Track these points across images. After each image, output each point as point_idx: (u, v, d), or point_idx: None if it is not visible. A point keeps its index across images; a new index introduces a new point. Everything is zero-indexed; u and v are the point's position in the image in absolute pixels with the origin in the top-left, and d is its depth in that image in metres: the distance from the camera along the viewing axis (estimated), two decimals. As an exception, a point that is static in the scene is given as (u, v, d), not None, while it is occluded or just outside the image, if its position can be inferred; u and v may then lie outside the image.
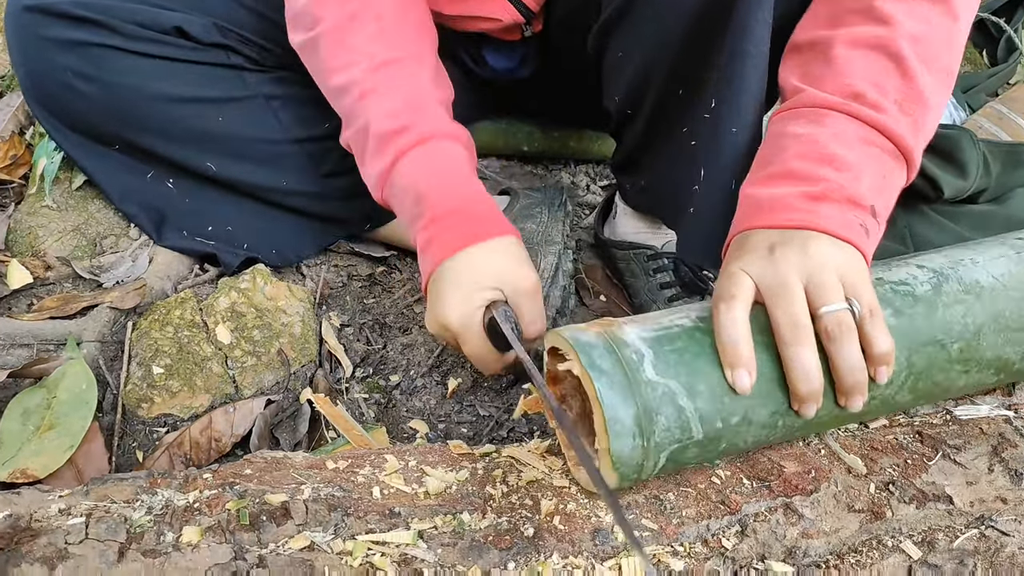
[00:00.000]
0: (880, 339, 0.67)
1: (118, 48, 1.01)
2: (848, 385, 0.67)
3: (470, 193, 0.90)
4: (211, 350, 1.00)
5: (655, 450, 0.65)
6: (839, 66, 0.76)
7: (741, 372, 0.66)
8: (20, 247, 1.14)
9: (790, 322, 0.66)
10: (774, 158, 0.77)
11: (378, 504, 0.68)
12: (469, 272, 0.85)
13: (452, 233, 0.87)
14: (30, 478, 0.85)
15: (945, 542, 0.69)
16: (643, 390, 0.64)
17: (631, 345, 0.66)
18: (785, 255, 0.68)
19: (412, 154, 0.89)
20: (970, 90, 1.58)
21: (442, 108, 0.93)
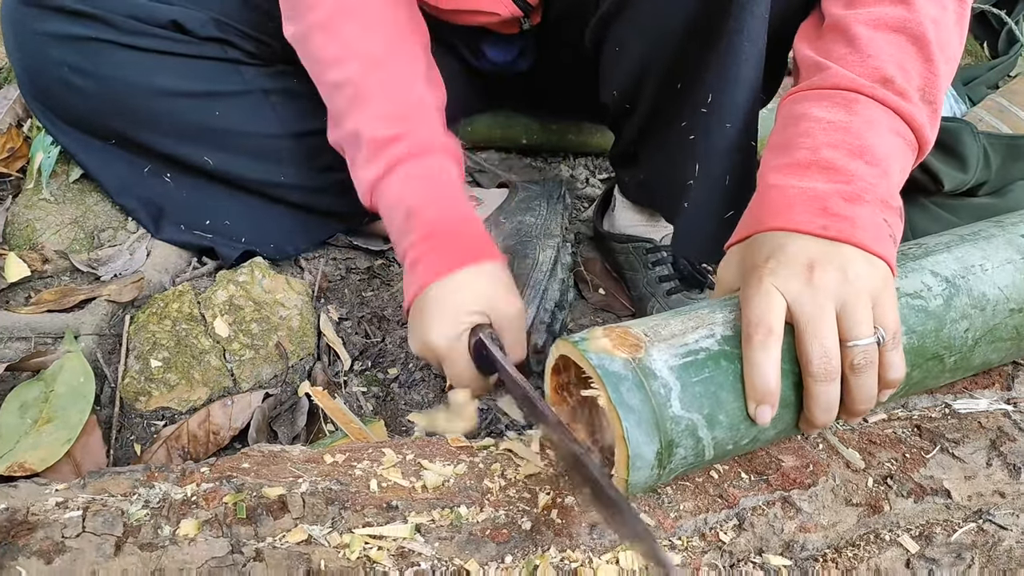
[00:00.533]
0: (897, 367, 0.66)
1: (114, 42, 1.01)
2: (857, 411, 0.67)
3: (461, 215, 0.89)
4: (209, 343, 1.00)
5: (667, 474, 0.65)
6: (863, 47, 0.73)
7: (766, 409, 0.64)
8: (18, 240, 1.13)
9: (823, 357, 0.64)
10: (798, 143, 0.72)
11: (375, 498, 0.68)
12: (456, 296, 0.85)
13: (440, 255, 0.86)
14: (28, 471, 0.85)
15: (943, 536, 0.69)
16: (667, 426, 0.63)
17: (660, 378, 0.64)
18: (825, 281, 0.64)
19: (405, 167, 0.88)
20: (971, 83, 1.57)
21: (436, 114, 0.93)
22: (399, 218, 0.89)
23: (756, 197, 0.74)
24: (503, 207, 1.21)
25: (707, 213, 0.93)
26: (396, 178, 0.88)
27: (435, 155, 0.90)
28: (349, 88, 0.90)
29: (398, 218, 0.89)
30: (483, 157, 1.46)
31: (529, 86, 1.25)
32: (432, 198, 0.88)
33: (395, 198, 0.89)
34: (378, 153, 0.89)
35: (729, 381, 0.65)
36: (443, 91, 0.96)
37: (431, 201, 0.88)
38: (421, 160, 0.89)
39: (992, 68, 1.61)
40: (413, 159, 0.88)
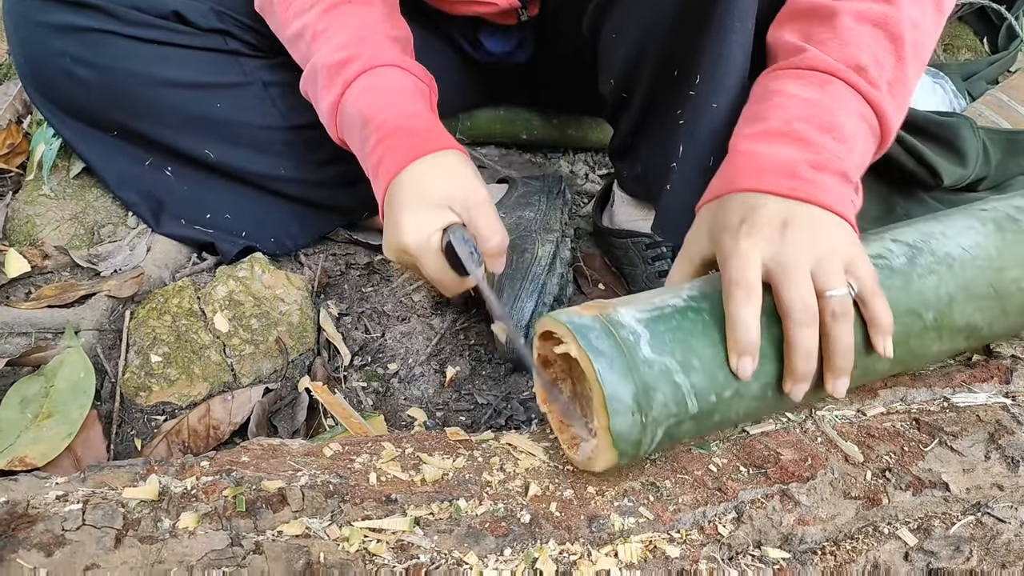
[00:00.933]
0: (883, 311, 0.70)
1: (116, 33, 1.01)
2: (838, 366, 0.69)
3: (413, 111, 0.90)
4: (209, 339, 1.00)
5: (652, 425, 0.66)
6: (844, 35, 0.76)
7: (747, 360, 0.67)
8: (18, 236, 1.13)
9: (801, 304, 0.67)
10: (772, 114, 0.76)
11: (375, 491, 0.68)
12: (418, 190, 0.85)
13: (399, 151, 0.86)
14: (28, 466, 0.85)
15: (941, 529, 0.69)
16: (641, 368, 0.65)
17: (627, 326, 0.67)
18: (798, 237, 0.69)
19: (359, 82, 0.90)
20: (970, 78, 1.57)
21: (389, 41, 0.94)
22: (358, 130, 0.90)
23: (727, 162, 0.77)
24: (502, 202, 1.21)
25: (689, 193, 0.92)
26: (351, 94, 0.90)
27: (388, 68, 0.91)
28: (308, 32, 0.93)
29: (357, 131, 0.90)
30: (483, 152, 1.46)
31: (528, 78, 1.25)
32: (385, 102, 0.89)
33: (352, 113, 0.90)
34: (334, 77, 0.91)
35: (698, 329, 0.68)
36: (405, 31, 0.98)
37: (384, 105, 0.89)
38: (373, 73, 0.90)
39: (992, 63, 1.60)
40: (364, 74, 0.90)
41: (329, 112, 0.92)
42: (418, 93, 0.92)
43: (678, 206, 0.95)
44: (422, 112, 0.90)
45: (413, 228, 0.85)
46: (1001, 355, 0.85)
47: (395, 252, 0.88)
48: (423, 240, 0.85)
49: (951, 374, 0.83)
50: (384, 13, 0.96)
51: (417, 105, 0.91)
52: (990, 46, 1.77)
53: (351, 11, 0.93)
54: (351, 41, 0.91)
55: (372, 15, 0.94)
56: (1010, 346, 0.86)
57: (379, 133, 0.87)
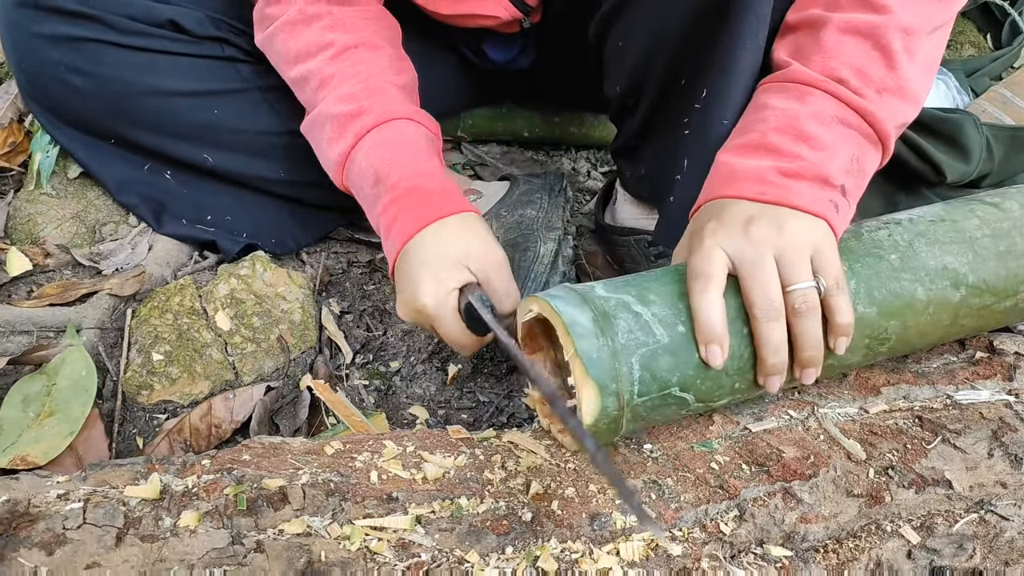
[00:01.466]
0: (843, 311, 0.71)
1: (111, 43, 1.01)
2: (805, 359, 0.71)
3: (428, 171, 0.90)
4: (211, 337, 1.00)
5: (624, 352, 0.67)
6: (827, 48, 0.78)
7: (715, 348, 0.69)
8: (19, 235, 1.13)
9: (765, 299, 0.69)
10: (753, 127, 0.79)
11: (376, 489, 0.68)
12: (435, 252, 0.85)
13: (414, 213, 0.86)
14: (30, 465, 0.85)
15: (944, 527, 0.69)
16: (596, 302, 0.69)
17: (584, 284, 0.72)
18: (760, 232, 0.71)
19: (370, 136, 0.90)
20: (974, 74, 1.56)
21: (398, 90, 0.94)
22: (368, 185, 0.90)
23: (709, 174, 0.81)
24: (504, 200, 1.21)
25: (691, 207, 0.93)
26: (363, 147, 0.90)
27: (399, 122, 0.91)
28: (314, 79, 0.93)
29: (367, 187, 0.90)
30: (484, 150, 1.45)
31: (530, 82, 1.25)
32: (398, 161, 0.89)
33: (363, 167, 0.90)
34: (343, 129, 0.91)
35: (652, 277, 0.73)
36: (411, 74, 0.98)
37: (397, 164, 0.89)
38: (384, 128, 0.90)
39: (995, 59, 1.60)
40: (377, 128, 0.90)
41: (336, 162, 0.92)
42: (430, 147, 0.92)
43: (680, 218, 0.95)
44: (436, 171, 0.90)
45: (430, 289, 0.85)
46: (1005, 352, 0.85)
47: (411, 313, 0.88)
48: (441, 301, 0.85)
49: (954, 371, 0.83)
50: (390, 57, 0.96)
51: (431, 163, 0.91)
52: (993, 42, 1.77)
53: (358, 58, 0.93)
54: (360, 92, 0.91)
55: (379, 62, 0.94)
56: (1013, 343, 0.86)
57: (393, 193, 0.88)
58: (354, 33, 0.94)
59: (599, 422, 0.67)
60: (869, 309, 0.75)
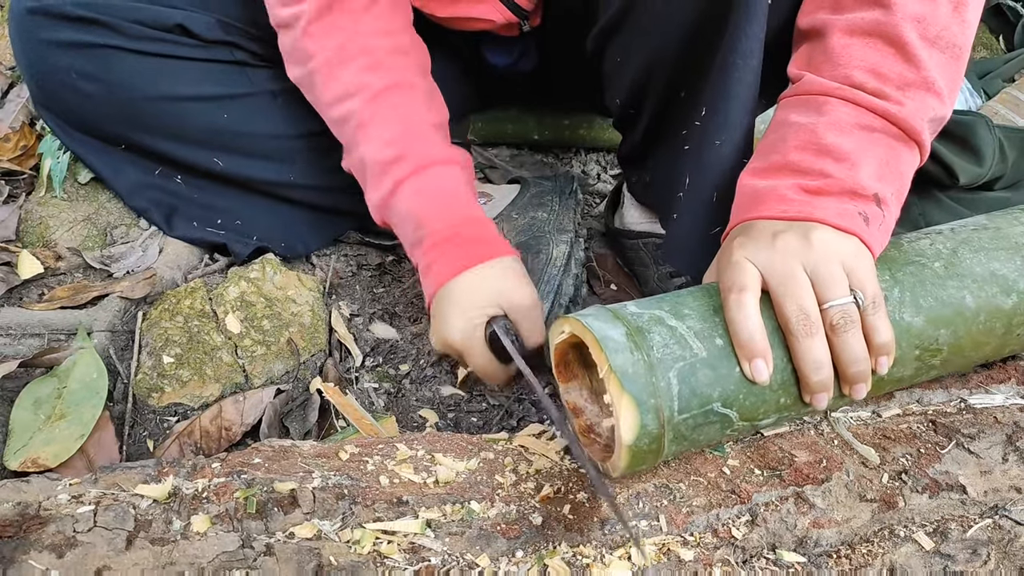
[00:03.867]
0: (882, 330, 0.68)
1: (121, 48, 1.01)
2: (851, 375, 0.68)
3: (468, 217, 0.93)
4: (221, 339, 1.00)
5: (660, 367, 0.64)
6: (836, 56, 0.76)
7: (759, 363, 0.66)
8: (31, 237, 1.14)
9: (801, 315, 0.67)
10: (775, 148, 0.77)
11: (386, 493, 0.68)
12: (469, 292, 0.89)
13: (451, 257, 0.90)
14: (41, 467, 0.85)
15: (958, 532, 0.68)
16: (628, 318, 0.67)
17: (616, 304, 0.71)
18: (788, 243, 0.69)
19: (409, 183, 0.92)
20: (986, 76, 1.55)
21: (437, 132, 0.96)
22: (410, 230, 0.93)
23: (735, 199, 0.79)
24: (515, 203, 1.21)
25: (693, 226, 0.93)
26: (402, 195, 0.92)
27: (437, 167, 0.93)
28: (353, 120, 0.94)
29: (409, 230, 0.93)
30: (494, 153, 1.45)
31: (535, 86, 1.25)
32: (438, 208, 0.92)
33: (404, 213, 0.93)
34: (383, 175, 0.93)
35: (684, 295, 0.72)
36: (444, 110, 0.99)
37: (437, 211, 0.92)
38: (423, 174, 0.92)
39: (1008, 61, 1.59)
40: (415, 175, 0.92)
41: (378, 206, 0.95)
42: (468, 190, 0.95)
43: (684, 236, 0.96)
44: (476, 216, 0.93)
45: (459, 323, 0.88)
46: (1019, 357, 0.85)
47: (441, 345, 0.92)
48: (468, 332, 0.88)
49: (968, 376, 0.82)
50: (426, 96, 0.97)
51: (471, 208, 0.94)
52: (1006, 44, 1.76)
53: (396, 101, 0.94)
54: (399, 137, 0.93)
55: (416, 103, 0.95)
56: (1028, 347, 0.85)
57: (432, 239, 0.91)
58: (391, 73, 0.95)
59: (639, 440, 0.64)
60: (916, 318, 0.72)
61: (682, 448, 0.68)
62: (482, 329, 0.89)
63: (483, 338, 0.89)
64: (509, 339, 0.87)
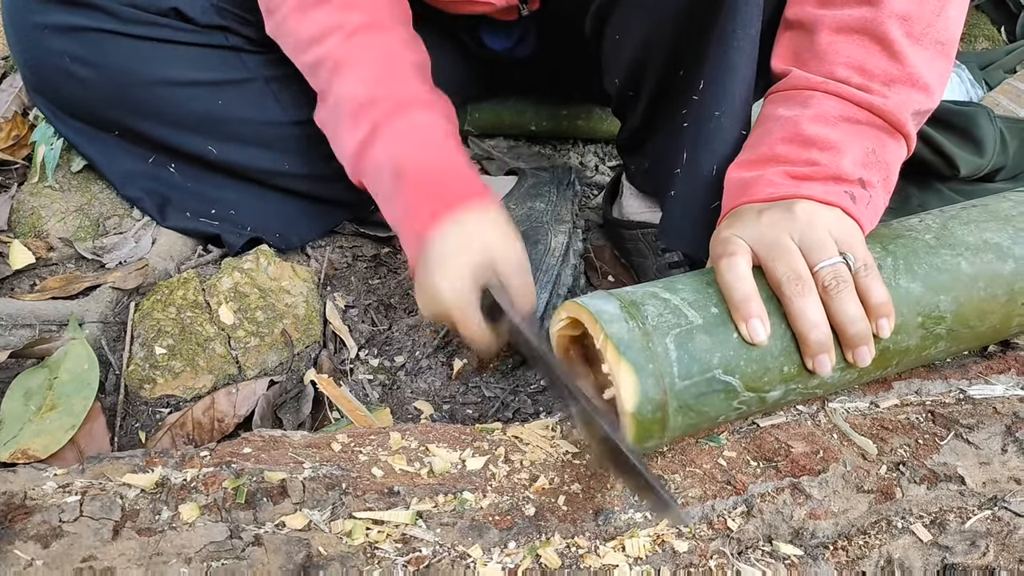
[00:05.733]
0: (876, 290, 0.69)
1: (115, 32, 1.00)
2: (851, 336, 0.68)
3: (449, 163, 0.88)
4: (214, 331, 1.00)
5: (656, 333, 0.66)
6: (823, 52, 0.78)
7: (755, 322, 0.67)
8: (23, 228, 1.13)
9: (792, 276, 0.68)
10: (761, 141, 0.79)
11: (377, 483, 0.67)
12: (456, 252, 0.82)
13: (432, 203, 0.84)
14: (31, 458, 0.84)
15: (956, 523, 0.67)
16: (623, 295, 0.69)
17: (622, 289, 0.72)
18: (773, 217, 0.71)
19: (388, 127, 0.87)
20: (988, 67, 1.55)
21: (415, 72, 0.91)
22: (387, 178, 0.87)
23: (724, 190, 0.81)
24: (512, 194, 1.20)
25: (691, 202, 0.92)
26: (381, 139, 0.87)
27: (417, 109, 0.89)
28: (328, 62, 0.90)
29: (386, 179, 0.87)
30: (491, 144, 1.44)
31: (532, 72, 1.24)
32: (419, 151, 0.87)
33: (382, 158, 0.87)
34: (359, 116, 0.88)
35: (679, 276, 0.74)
36: (424, 55, 0.95)
37: (418, 153, 0.87)
38: (403, 117, 0.88)
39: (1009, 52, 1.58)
40: (395, 116, 0.87)
41: (354, 152, 0.90)
42: (451, 135, 0.90)
43: (681, 214, 0.95)
44: (457, 163, 0.88)
45: (450, 284, 0.82)
46: (1018, 346, 0.84)
47: (432, 312, 0.86)
48: (463, 301, 0.82)
49: (967, 366, 0.82)
50: (405, 36, 0.94)
51: (452, 155, 0.88)
52: (1007, 35, 1.75)
53: (373, 40, 0.90)
54: (377, 76, 0.89)
55: (394, 41, 0.92)
56: (1028, 337, 0.85)
57: (412, 184, 0.85)
58: (367, 12, 0.91)
59: (643, 407, 0.63)
60: (913, 284, 0.72)
61: (691, 421, 0.67)
62: (476, 295, 0.83)
63: (477, 304, 0.83)
64: (510, 305, 0.81)
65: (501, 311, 0.82)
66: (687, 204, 0.93)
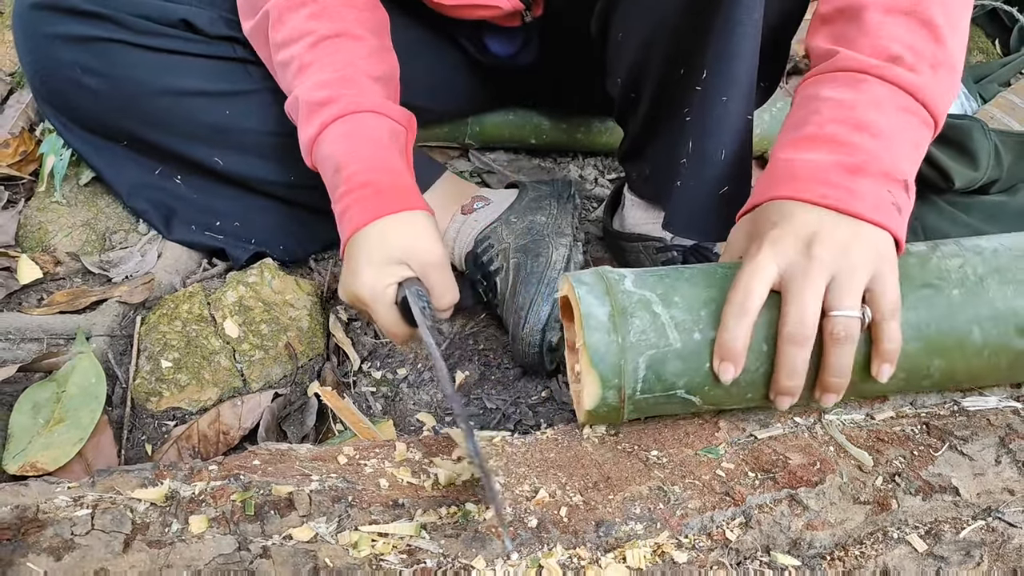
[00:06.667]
0: (893, 338, 0.69)
1: (125, 42, 1.02)
2: (829, 383, 0.70)
3: (386, 167, 0.91)
4: (219, 344, 1.01)
5: (632, 351, 0.68)
6: (874, 29, 0.76)
7: (728, 366, 0.69)
8: (30, 243, 1.14)
9: (796, 322, 0.68)
10: (808, 120, 0.76)
11: (382, 495, 0.68)
12: (379, 247, 0.87)
13: (364, 205, 0.89)
14: (40, 471, 0.86)
15: (951, 534, 0.68)
16: (619, 296, 0.70)
17: (616, 272, 0.73)
18: (821, 254, 0.68)
19: (334, 126, 0.91)
20: (982, 80, 1.56)
21: (371, 81, 0.95)
22: (330, 173, 0.92)
23: (766, 171, 0.78)
24: (513, 207, 1.21)
25: (700, 188, 0.93)
26: (327, 136, 0.92)
27: (365, 115, 0.92)
28: (294, 64, 0.94)
29: (329, 173, 0.92)
30: (491, 158, 1.46)
31: (535, 80, 1.25)
32: (357, 154, 0.91)
33: (326, 155, 0.92)
34: (312, 115, 0.92)
35: (684, 277, 0.73)
36: (390, 65, 0.99)
37: (356, 157, 0.90)
38: (349, 119, 0.91)
39: (1004, 65, 1.60)
40: (343, 118, 0.91)
41: (306, 145, 0.94)
42: (392, 142, 0.93)
43: (688, 199, 0.96)
44: (393, 167, 0.92)
45: (370, 280, 0.87)
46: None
47: (349, 298, 0.91)
48: (378, 292, 0.88)
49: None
50: (371, 49, 0.97)
51: (390, 158, 0.92)
52: (1002, 48, 1.77)
53: (337, 47, 0.94)
54: (333, 80, 0.92)
55: (357, 52, 0.95)
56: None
57: (349, 184, 0.89)
58: (337, 22, 0.95)
59: (598, 409, 0.71)
60: (913, 344, 0.71)
61: (642, 415, 0.74)
62: (392, 290, 0.88)
63: (392, 300, 0.88)
64: (419, 305, 0.86)
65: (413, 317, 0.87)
66: (695, 191, 0.94)
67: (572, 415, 0.91)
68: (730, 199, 0.92)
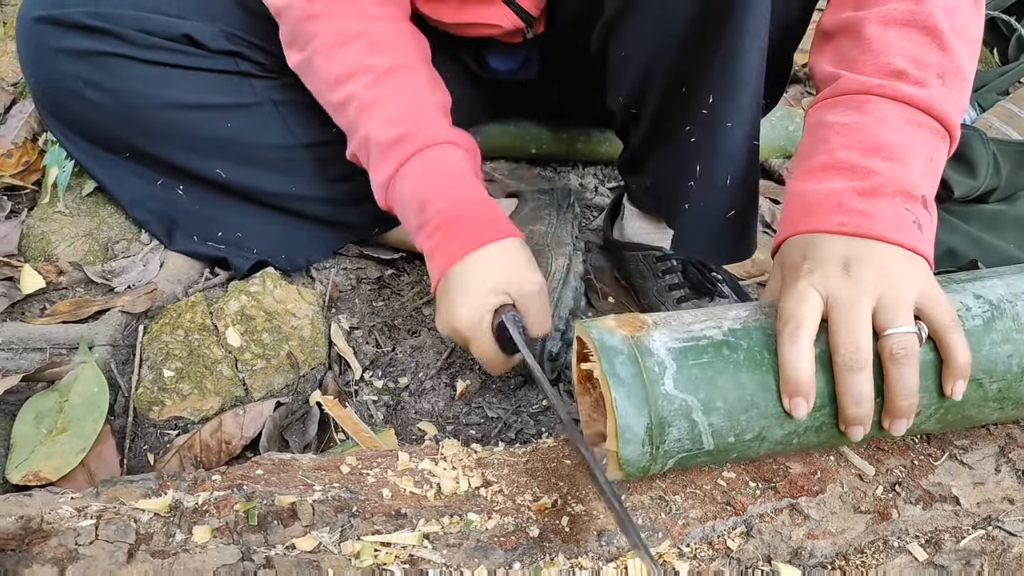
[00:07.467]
0: (961, 348, 0.66)
1: (128, 56, 1.02)
2: (897, 407, 0.66)
3: (472, 198, 0.93)
4: (221, 353, 1.01)
5: (663, 457, 0.66)
6: (874, 45, 0.75)
7: (800, 401, 0.65)
8: (33, 252, 1.15)
9: (853, 347, 0.64)
10: (817, 149, 0.75)
11: (385, 505, 0.68)
12: (475, 278, 0.88)
13: (456, 241, 0.90)
14: (43, 481, 0.86)
15: (951, 543, 0.69)
16: (659, 403, 0.64)
17: (655, 355, 0.65)
18: (861, 275, 0.66)
19: (412, 163, 0.92)
20: (981, 89, 1.57)
21: (440, 113, 0.96)
22: (413, 212, 0.92)
23: (784, 205, 0.77)
24: (513, 216, 1.22)
25: (706, 212, 0.94)
26: (405, 175, 0.92)
27: (440, 148, 0.93)
28: (355, 102, 0.94)
29: (412, 212, 0.93)
30: (492, 167, 1.46)
31: (536, 94, 1.26)
32: (441, 188, 0.92)
33: (407, 194, 0.92)
34: (386, 154, 0.93)
35: (729, 369, 0.66)
36: (446, 95, 0.99)
37: (440, 191, 0.91)
38: (427, 154, 0.92)
39: (1002, 74, 1.60)
40: (419, 154, 0.92)
41: (381, 187, 0.95)
42: (471, 172, 0.95)
43: (696, 223, 0.96)
44: (478, 197, 0.93)
45: (466, 310, 0.88)
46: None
47: (448, 331, 0.92)
48: (475, 321, 0.89)
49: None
50: (429, 78, 0.97)
51: (474, 189, 0.93)
52: (1000, 57, 1.77)
53: (399, 80, 0.94)
54: (402, 116, 0.93)
55: (419, 83, 0.95)
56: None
57: (438, 219, 0.90)
58: (393, 54, 0.95)
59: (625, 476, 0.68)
60: (932, 426, 0.71)
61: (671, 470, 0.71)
62: (489, 317, 0.89)
63: (490, 327, 0.89)
64: (518, 331, 0.87)
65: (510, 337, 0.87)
66: (703, 214, 0.94)
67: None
68: (737, 221, 0.94)
